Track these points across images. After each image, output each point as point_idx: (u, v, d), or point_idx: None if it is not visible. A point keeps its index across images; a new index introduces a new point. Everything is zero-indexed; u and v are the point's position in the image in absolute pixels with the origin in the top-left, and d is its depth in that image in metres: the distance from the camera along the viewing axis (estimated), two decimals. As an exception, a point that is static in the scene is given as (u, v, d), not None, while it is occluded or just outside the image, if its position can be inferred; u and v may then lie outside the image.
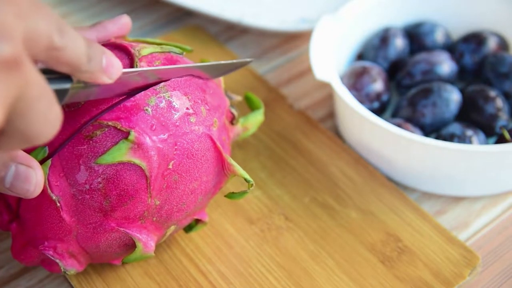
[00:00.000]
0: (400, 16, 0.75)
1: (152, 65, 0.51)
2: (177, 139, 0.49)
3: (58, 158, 0.48)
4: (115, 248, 0.51)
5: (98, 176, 0.48)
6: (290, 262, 0.58)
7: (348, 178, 0.64)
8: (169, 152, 0.49)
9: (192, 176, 0.51)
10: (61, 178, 0.48)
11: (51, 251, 0.50)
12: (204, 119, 0.52)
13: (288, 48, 0.80)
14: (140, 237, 0.50)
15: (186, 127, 0.50)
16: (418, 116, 0.66)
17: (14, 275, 0.58)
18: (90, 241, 0.50)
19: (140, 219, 0.50)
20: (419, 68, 0.69)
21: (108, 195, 0.48)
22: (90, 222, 0.49)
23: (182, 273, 0.57)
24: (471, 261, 0.57)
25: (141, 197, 0.49)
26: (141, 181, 0.48)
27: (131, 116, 0.48)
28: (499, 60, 0.69)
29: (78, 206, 0.48)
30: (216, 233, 0.60)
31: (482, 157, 0.60)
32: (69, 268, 0.50)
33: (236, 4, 0.81)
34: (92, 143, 0.48)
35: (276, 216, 0.61)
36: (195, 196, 0.52)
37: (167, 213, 0.51)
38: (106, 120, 0.48)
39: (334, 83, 0.64)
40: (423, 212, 0.61)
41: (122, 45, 0.52)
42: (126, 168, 0.48)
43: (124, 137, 0.48)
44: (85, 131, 0.48)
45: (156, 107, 0.49)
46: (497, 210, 0.63)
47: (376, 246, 0.59)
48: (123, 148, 0.47)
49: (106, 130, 0.48)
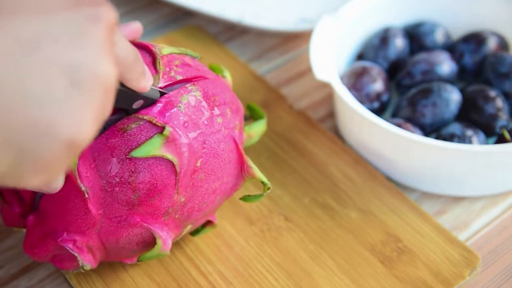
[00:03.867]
0: (400, 16, 0.75)
1: (172, 64, 0.52)
2: (206, 138, 0.50)
3: (90, 149, 0.48)
4: (134, 244, 0.51)
5: (130, 169, 0.48)
6: (290, 262, 0.58)
7: (348, 178, 0.64)
8: (198, 150, 0.50)
9: (216, 176, 0.52)
10: (91, 169, 0.48)
11: (70, 244, 0.49)
12: (228, 121, 0.52)
13: (288, 48, 0.80)
14: (161, 234, 0.51)
15: (214, 127, 0.51)
16: (418, 116, 0.66)
17: (14, 275, 0.58)
18: (112, 235, 0.50)
19: (164, 215, 0.50)
20: (419, 68, 0.69)
21: (138, 188, 0.48)
22: (116, 215, 0.49)
23: (182, 274, 0.57)
24: (471, 261, 0.57)
25: (168, 193, 0.49)
26: (171, 176, 0.49)
27: (165, 111, 0.49)
28: (499, 60, 0.69)
29: (106, 199, 0.48)
30: (216, 234, 0.60)
31: (482, 157, 0.60)
32: (86, 263, 0.50)
33: (236, 4, 0.81)
34: (126, 136, 0.48)
35: (276, 217, 0.61)
36: (215, 196, 0.53)
37: (189, 211, 0.51)
38: (142, 114, 0.48)
39: (334, 83, 0.64)
40: (423, 212, 0.61)
41: (143, 44, 0.53)
42: (157, 163, 0.48)
43: (158, 131, 0.48)
44: (120, 123, 0.48)
45: (188, 105, 0.50)
46: (497, 210, 0.63)
47: (376, 247, 0.59)
48: (157, 143, 0.48)
49: (141, 124, 0.48)
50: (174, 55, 0.53)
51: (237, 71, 0.74)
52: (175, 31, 0.80)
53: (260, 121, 0.61)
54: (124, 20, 0.83)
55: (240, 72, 0.73)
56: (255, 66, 0.77)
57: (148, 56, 0.52)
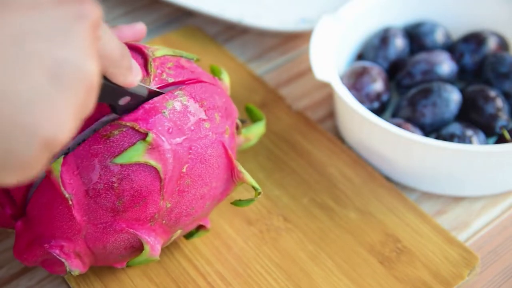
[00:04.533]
0: (400, 16, 0.75)
1: (165, 66, 0.51)
2: (192, 143, 0.50)
3: (73, 156, 0.48)
4: (122, 250, 0.51)
5: (113, 175, 0.48)
6: (289, 263, 0.58)
7: (347, 179, 0.64)
8: (183, 156, 0.49)
9: (203, 181, 0.51)
10: (75, 176, 0.48)
11: (57, 250, 0.49)
12: (217, 126, 0.52)
13: (288, 48, 0.80)
14: (148, 240, 0.50)
15: (200, 132, 0.50)
16: (418, 116, 0.66)
17: (14, 275, 0.58)
18: (98, 241, 0.50)
19: (150, 221, 0.50)
20: (419, 68, 0.69)
21: (122, 195, 0.48)
22: (101, 221, 0.49)
23: (181, 275, 0.57)
24: (470, 262, 0.57)
25: (153, 199, 0.49)
26: (155, 183, 0.49)
27: (149, 118, 0.48)
28: (499, 60, 0.69)
29: (91, 205, 0.48)
30: (215, 234, 0.60)
31: (482, 157, 0.60)
32: (74, 268, 0.50)
33: (236, 4, 0.81)
34: (109, 143, 0.48)
35: (275, 217, 0.61)
36: (203, 202, 0.52)
37: (176, 216, 0.51)
38: (125, 120, 0.48)
39: (334, 83, 0.64)
40: (422, 213, 0.61)
41: (135, 45, 0.52)
42: (141, 169, 0.48)
43: (141, 138, 0.48)
44: (103, 130, 0.48)
45: (173, 111, 0.49)
46: (497, 210, 0.63)
47: (375, 247, 0.59)
48: (140, 149, 0.48)
49: (124, 130, 0.48)
50: (168, 57, 0.53)
51: (235, 71, 0.74)
52: (173, 31, 0.80)
53: (259, 123, 0.61)
54: (124, 20, 0.83)
55: (239, 72, 0.73)
56: (255, 66, 0.77)
57: (140, 58, 0.51)
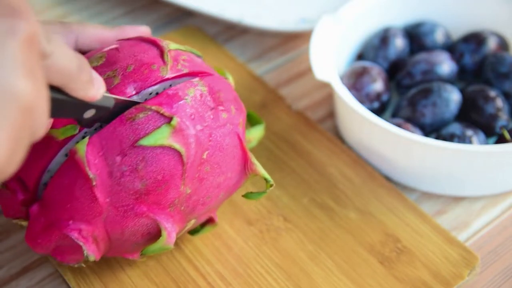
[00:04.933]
0: (400, 16, 0.75)
1: (179, 58, 0.53)
2: (212, 131, 0.51)
3: (98, 137, 0.48)
4: (138, 236, 0.51)
5: (138, 157, 0.48)
6: (289, 263, 0.58)
7: (347, 178, 0.64)
8: (205, 142, 0.50)
9: (221, 170, 0.52)
10: (99, 157, 0.48)
11: (75, 233, 0.49)
12: (233, 117, 0.53)
13: (288, 48, 0.80)
14: (166, 226, 0.51)
15: (219, 121, 0.52)
16: (418, 116, 0.66)
17: (14, 275, 0.58)
18: (117, 225, 0.50)
19: (170, 206, 0.50)
20: (419, 68, 0.69)
21: (145, 177, 0.49)
22: (122, 204, 0.49)
23: (181, 275, 0.57)
24: (470, 262, 0.57)
25: (175, 184, 0.50)
26: (178, 167, 0.49)
27: (173, 103, 0.50)
28: (499, 60, 0.69)
29: (114, 187, 0.49)
30: (215, 235, 0.60)
31: (482, 157, 0.60)
32: (90, 253, 0.50)
33: (236, 4, 0.81)
34: (134, 125, 0.48)
35: (275, 217, 0.61)
36: (219, 191, 0.53)
37: (194, 204, 0.52)
38: (149, 104, 0.49)
39: (334, 83, 0.64)
40: (422, 213, 0.61)
41: (151, 39, 0.54)
42: (165, 152, 0.49)
43: (166, 121, 0.49)
44: (127, 113, 0.49)
45: (194, 98, 0.51)
46: (497, 210, 0.63)
47: (375, 247, 0.59)
48: (165, 132, 0.48)
49: (148, 114, 0.49)
50: (180, 51, 0.54)
51: (235, 71, 0.74)
52: (173, 31, 0.80)
53: (259, 126, 0.62)
54: (124, 20, 0.83)
55: (239, 72, 0.73)
56: (255, 66, 0.77)
57: (155, 49, 0.52)
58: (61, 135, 0.49)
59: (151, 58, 0.52)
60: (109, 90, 0.49)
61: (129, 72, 0.50)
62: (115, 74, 0.50)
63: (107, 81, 0.50)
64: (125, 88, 0.50)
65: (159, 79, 0.51)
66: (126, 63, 0.51)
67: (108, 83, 0.50)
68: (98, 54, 0.52)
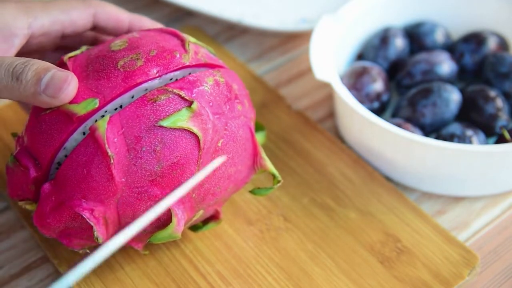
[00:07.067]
0: (400, 16, 0.75)
1: (199, 49, 0.54)
2: (227, 120, 0.52)
3: (119, 116, 0.49)
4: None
5: (156, 138, 0.49)
6: (289, 263, 0.58)
7: (347, 178, 0.64)
8: (220, 130, 0.51)
9: (233, 161, 0.53)
10: (119, 136, 0.49)
11: (87, 213, 0.49)
12: (246, 111, 0.54)
13: (288, 48, 0.80)
14: (177, 212, 0.51)
15: (234, 112, 0.53)
16: (418, 116, 0.66)
17: (14, 275, 0.58)
18: (130, 207, 0.50)
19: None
20: (419, 68, 0.69)
21: (162, 159, 0.49)
22: (137, 185, 0.49)
23: (181, 275, 0.57)
24: (470, 261, 0.57)
25: (190, 168, 0.50)
26: (194, 151, 0.50)
27: (193, 88, 0.51)
28: (499, 60, 0.69)
29: (131, 167, 0.49)
30: (215, 234, 0.60)
31: (482, 157, 0.60)
32: (100, 235, 0.50)
33: (236, 4, 0.81)
34: (155, 106, 0.49)
35: (275, 217, 0.61)
36: (228, 183, 0.53)
37: (205, 192, 0.52)
38: (171, 87, 0.50)
39: (334, 83, 0.64)
40: (422, 213, 0.61)
41: (171, 30, 0.55)
42: (183, 136, 0.49)
43: (187, 105, 0.50)
44: (149, 94, 0.49)
45: (213, 87, 0.52)
46: (497, 210, 0.63)
47: (375, 247, 0.59)
48: (185, 115, 0.49)
49: (170, 96, 0.50)
50: (198, 45, 0.55)
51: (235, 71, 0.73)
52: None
53: (260, 132, 0.62)
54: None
55: (239, 72, 0.73)
56: (255, 66, 0.77)
57: (176, 39, 0.54)
58: (82, 109, 0.49)
59: (173, 46, 0.53)
60: (132, 71, 0.50)
61: (152, 56, 0.51)
62: (138, 57, 0.51)
63: (130, 63, 0.51)
64: (148, 70, 0.50)
65: (180, 65, 0.52)
66: (149, 48, 0.52)
67: (131, 65, 0.50)
68: (120, 40, 0.53)
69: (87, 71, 0.51)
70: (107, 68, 0.51)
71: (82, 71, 0.51)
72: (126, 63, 0.51)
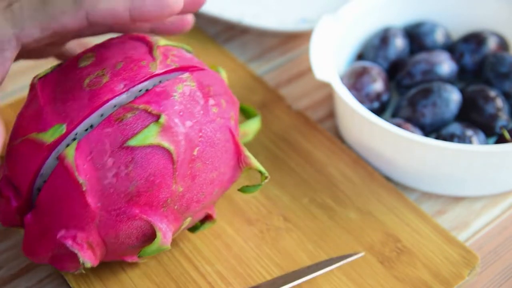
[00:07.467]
0: (400, 16, 0.75)
1: (169, 53, 0.52)
2: (202, 126, 0.50)
3: (86, 140, 0.48)
4: (134, 239, 0.51)
5: (127, 159, 0.48)
6: (289, 263, 0.58)
7: (347, 178, 0.64)
8: (195, 139, 0.50)
9: (213, 166, 0.52)
10: (88, 162, 0.48)
11: (70, 241, 0.49)
12: (224, 111, 0.53)
13: (288, 48, 0.80)
14: (160, 226, 0.50)
15: (209, 116, 0.51)
16: (418, 116, 0.66)
17: (14, 275, 0.58)
18: (111, 229, 0.50)
19: (163, 206, 0.50)
20: (419, 68, 0.69)
21: (135, 179, 0.48)
22: (114, 208, 0.49)
23: (181, 275, 0.57)
24: (470, 261, 0.57)
25: (166, 183, 0.49)
26: (168, 166, 0.49)
27: (160, 100, 0.49)
28: (499, 60, 0.69)
29: (104, 191, 0.48)
30: (215, 234, 0.60)
31: (482, 157, 0.60)
32: (86, 260, 0.50)
33: (236, 4, 0.81)
34: (122, 126, 0.48)
35: (275, 217, 0.61)
36: (213, 187, 0.53)
37: (188, 202, 0.51)
38: (136, 103, 0.48)
39: (334, 83, 0.64)
40: (422, 213, 0.61)
41: (139, 36, 0.54)
42: (154, 152, 0.48)
43: (154, 120, 0.48)
44: (115, 113, 0.48)
45: (183, 95, 0.50)
46: (497, 210, 0.63)
47: (375, 247, 0.59)
48: (153, 131, 0.48)
49: (136, 113, 0.48)
50: (170, 47, 0.54)
51: (235, 71, 0.74)
52: (173, 31, 0.80)
53: (254, 119, 0.61)
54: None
55: (238, 72, 0.73)
56: (255, 66, 0.77)
57: (144, 46, 0.52)
58: (50, 138, 0.48)
59: (140, 54, 0.51)
60: (98, 89, 0.49)
61: (118, 69, 0.50)
62: (104, 72, 0.50)
63: (96, 81, 0.49)
64: (114, 86, 0.49)
65: (148, 75, 0.50)
66: (115, 60, 0.51)
67: (97, 82, 0.49)
68: (87, 54, 0.52)
69: (55, 93, 0.50)
70: (74, 88, 0.49)
71: (51, 93, 0.50)
72: (92, 80, 0.49)
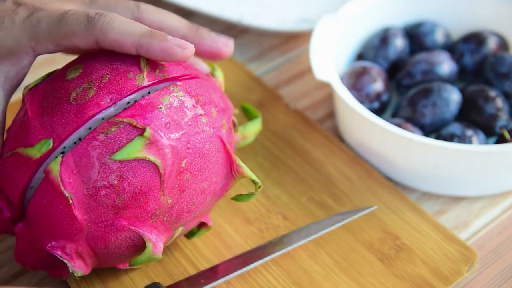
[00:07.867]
0: (400, 16, 0.75)
1: (157, 63, 0.51)
2: (189, 138, 0.50)
3: (71, 154, 0.48)
4: (124, 249, 0.51)
5: (113, 172, 0.48)
6: (289, 261, 0.58)
7: (345, 177, 0.64)
8: (182, 151, 0.49)
9: (203, 176, 0.51)
10: (74, 175, 0.48)
11: (59, 251, 0.49)
12: (214, 120, 0.52)
13: (288, 48, 0.80)
14: (150, 237, 0.50)
15: (198, 127, 0.50)
16: (418, 116, 0.66)
17: (14, 275, 0.58)
18: (100, 241, 0.50)
19: (152, 218, 0.50)
20: (419, 68, 0.69)
21: (122, 192, 0.48)
22: (102, 220, 0.49)
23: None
24: (469, 258, 0.57)
25: (154, 195, 0.49)
26: (155, 178, 0.48)
27: (145, 113, 0.48)
28: (499, 60, 0.69)
29: (91, 204, 0.48)
30: (215, 234, 0.60)
31: (482, 157, 0.60)
32: (76, 269, 0.50)
33: (236, 4, 0.81)
34: (107, 140, 0.48)
35: (274, 216, 0.61)
36: (204, 197, 0.52)
37: (177, 213, 0.51)
38: (121, 117, 0.48)
39: (334, 83, 0.64)
40: (420, 210, 0.61)
41: None
42: (140, 165, 0.48)
43: (139, 133, 0.48)
44: (100, 127, 0.48)
45: (170, 106, 0.49)
46: (497, 210, 0.63)
47: (374, 245, 0.59)
48: (139, 145, 0.48)
49: (121, 127, 0.48)
50: None
51: (233, 71, 0.74)
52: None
53: (255, 121, 0.61)
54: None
55: (237, 72, 0.73)
56: (254, 66, 0.77)
57: (132, 56, 0.51)
58: (37, 153, 0.48)
59: (128, 65, 0.51)
60: (84, 103, 0.49)
61: (104, 83, 0.49)
62: (90, 86, 0.49)
63: (82, 95, 0.49)
64: (100, 100, 0.48)
65: (135, 88, 0.49)
66: (102, 73, 0.50)
67: (83, 96, 0.49)
68: (75, 66, 0.52)
69: (42, 107, 0.50)
70: (60, 102, 0.49)
71: (39, 107, 0.50)
72: (78, 94, 0.49)
